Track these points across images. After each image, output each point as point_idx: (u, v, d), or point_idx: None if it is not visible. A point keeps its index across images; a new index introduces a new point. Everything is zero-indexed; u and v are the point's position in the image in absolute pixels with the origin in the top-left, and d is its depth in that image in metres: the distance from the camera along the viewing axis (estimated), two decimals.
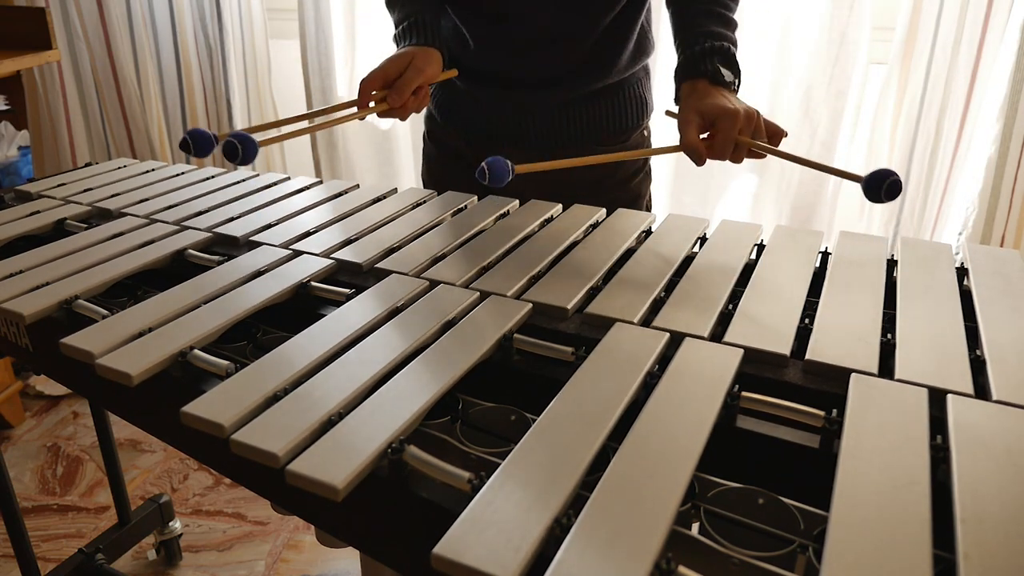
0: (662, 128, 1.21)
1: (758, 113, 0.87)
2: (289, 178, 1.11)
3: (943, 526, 0.42)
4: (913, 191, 1.66)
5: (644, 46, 1.09)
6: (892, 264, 0.78)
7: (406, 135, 2.04)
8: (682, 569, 0.38)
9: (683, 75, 0.94)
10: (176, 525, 1.62)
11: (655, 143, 1.21)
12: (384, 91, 0.93)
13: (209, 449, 0.61)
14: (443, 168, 1.20)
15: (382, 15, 1.89)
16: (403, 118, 0.97)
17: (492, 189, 0.81)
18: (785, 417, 0.52)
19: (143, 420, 0.71)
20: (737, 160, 0.87)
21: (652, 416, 0.51)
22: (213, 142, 0.82)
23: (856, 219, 1.76)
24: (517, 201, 0.98)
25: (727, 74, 0.92)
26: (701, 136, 0.88)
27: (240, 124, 2.14)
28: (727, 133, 0.85)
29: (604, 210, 0.93)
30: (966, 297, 0.71)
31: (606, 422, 0.50)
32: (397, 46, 1.00)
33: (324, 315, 0.67)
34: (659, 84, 1.42)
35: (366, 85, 0.92)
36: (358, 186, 1.08)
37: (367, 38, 1.96)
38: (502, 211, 0.94)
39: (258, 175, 1.13)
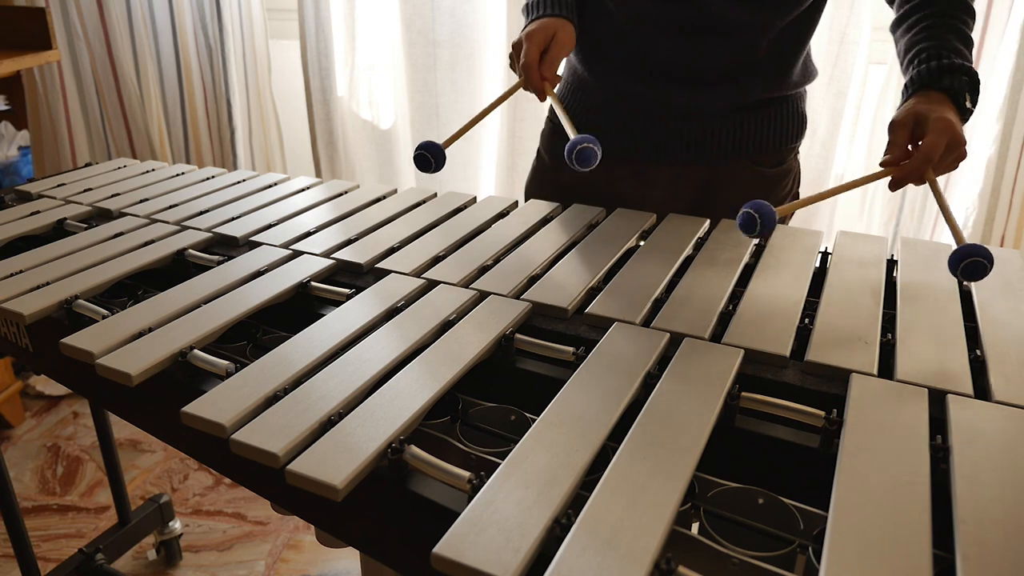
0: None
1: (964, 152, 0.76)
2: (289, 178, 1.11)
3: (943, 526, 0.42)
4: (913, 191, 1.66)
5: (809, 66, 1.00)
6: (892, 264, 0.78)
7: (406, 135, 2.03)
8: (682, 569, 0.38)
9: (919, 85, 0.79)
10: (176, 525, 1.61)
11: (803, 165, 1.07)
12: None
13: (209, 449, 0.61)
14: (561, 183, 1.05)
15: (382, 15, 1.90)
16: (543, 99, 0.90)
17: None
18: (785, 417, 0.52)
19: (143, 420, 0.71)
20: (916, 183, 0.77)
21: (652, 416, 0.51)
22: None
23: (856, 219, 1.76)
24: (516, 201, 0.98)
25: (967, 101, 0.79)
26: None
27: (240, 124, 2.14)
28: (930, 149, 0.73)
29: (604, 210, 0.93)
30: (966, 297, 0.71)
31: (606, 422, 0.50)
32: (528, 11, 0.93)
33: (324, 315, 0.67)
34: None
35: (530, 64, 0.86)
36: (358, 186, 1.08)
37: (367, 38, 1.95)
38: (502, 211, 0.94)
39: (258, 175, 1.13)
